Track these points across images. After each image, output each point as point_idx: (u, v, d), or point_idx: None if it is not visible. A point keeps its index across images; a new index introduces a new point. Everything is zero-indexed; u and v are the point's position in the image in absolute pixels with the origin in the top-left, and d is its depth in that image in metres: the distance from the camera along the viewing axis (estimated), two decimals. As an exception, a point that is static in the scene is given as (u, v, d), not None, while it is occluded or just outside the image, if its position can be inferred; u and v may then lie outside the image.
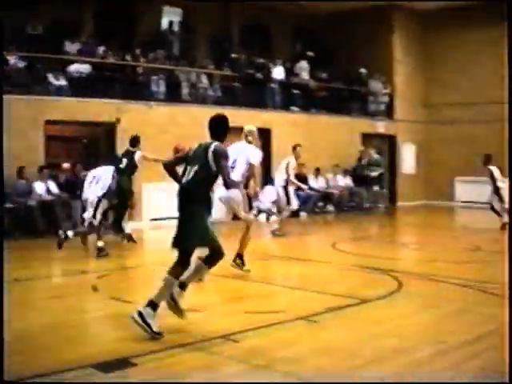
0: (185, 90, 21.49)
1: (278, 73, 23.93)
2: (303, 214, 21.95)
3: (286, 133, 23.20)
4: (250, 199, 11.85)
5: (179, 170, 8.16)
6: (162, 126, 19.73)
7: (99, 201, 13.69)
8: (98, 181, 13.82)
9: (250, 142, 11.86)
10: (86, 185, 14.02)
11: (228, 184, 7.95)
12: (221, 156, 7.71)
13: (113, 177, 14.04)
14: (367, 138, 26.63)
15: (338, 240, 16.14)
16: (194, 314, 8.16)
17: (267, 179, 21.61)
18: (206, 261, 7.73)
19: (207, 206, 7.70)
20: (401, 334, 7.56)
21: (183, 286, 7.64)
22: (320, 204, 23.42)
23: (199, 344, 6.97)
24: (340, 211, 23.72)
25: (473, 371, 6.26)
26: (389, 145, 27.90)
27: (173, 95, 21.05)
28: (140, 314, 7.18)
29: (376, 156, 24.92)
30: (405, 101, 28.59)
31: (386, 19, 28.01)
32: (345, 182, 24.66)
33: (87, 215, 13.78)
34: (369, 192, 24.63)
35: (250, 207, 12.21)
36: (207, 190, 7.70)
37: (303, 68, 25.49)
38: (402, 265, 13.09)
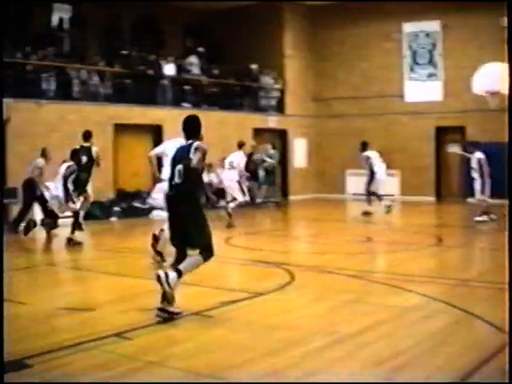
0: (75, 88, 21.21)
1: (170, 69, 23.85)
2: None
3: (177, 129, 23.08)
4: None
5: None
6: (53, 125, 19.42)
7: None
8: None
9: None
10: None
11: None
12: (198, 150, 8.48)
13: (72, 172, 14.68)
14: (259, 133, 26.81)
15: (231, 235, 16.22)
16: (87, 313, 8.12)
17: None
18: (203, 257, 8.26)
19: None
20: (293, 325, 7.67)
21: (180, 274, 8.05)
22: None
23: (93, 343, 6.93)
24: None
25: (365, 360, 6.42)
26: (280, 139, 28.14)
27: (63, 93, 20.74)
28: (166, 275, 7.79)
29: (272, 151, 25.08)
30: (296, 96, 28.90)
31: (277, 15, 28.23)
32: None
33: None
34: (260, 187, 24.79)
35: None
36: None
37: (193, 63, 25.45)
38: (295, 258, 13.26)
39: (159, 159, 12.61)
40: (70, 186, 14.66)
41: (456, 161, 25.94)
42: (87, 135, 15.43)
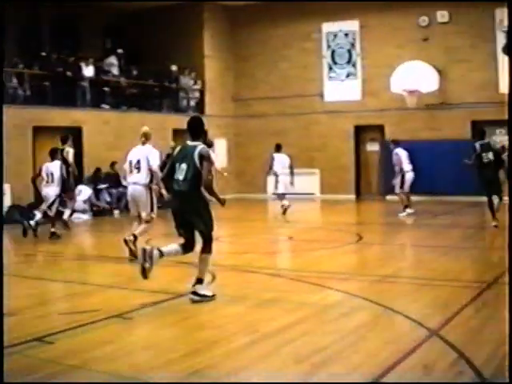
0: (-7, 90, 20.84)
1: (89, 71, 23.59)
2: (116, 212, 21.80)
3: (97, 131, 22.99)
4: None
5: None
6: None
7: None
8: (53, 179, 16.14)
9: (144, 144, 13.63)
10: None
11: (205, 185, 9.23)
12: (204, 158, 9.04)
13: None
14: (179, 134, 26.72)
15: (152, 237, 16.11)
16: (7, 318, 7.96)
17: (81, 179, 21.41)
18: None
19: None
20: (215, 325, 7.68)
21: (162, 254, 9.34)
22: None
23: (14, 348, 6.79)
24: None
25: (287, 357, 6.44)
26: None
27: (-19, 96, 20.34)
28: (195, 293, 8.76)
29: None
30: (215, 96, 28.91)
31: (196, 15, 28.20)
32: (158, 177, 24.65)
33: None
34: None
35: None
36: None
37: (113, 64, 25.24)
38: (216, 258, 13.07)
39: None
40: None
41: (375, 159, 26.36)
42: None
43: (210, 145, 14.17)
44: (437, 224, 18.86)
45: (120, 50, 25.96)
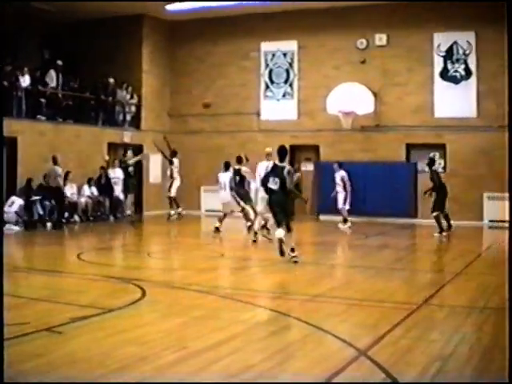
0: None
1: (25, 81, 23.28)
2: (49, 225, 21.53)
3: (32, 142, 22.71)
4: None
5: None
6: None
7: None
8: None
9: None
10: None
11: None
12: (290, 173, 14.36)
13: None
14: (114, 148, 26.58)
15: (83, 250, 15.96)
16: None
17: (14, 190, 21.21)
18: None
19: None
20: (144, 341, 7.59)
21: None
22: (66, 214, 22.93)
23: None
24: (86, 221, 23.51)
25: (216, 375, 6.41)
26: (135, 155, 27.88)
27: None
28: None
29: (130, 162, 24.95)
30: (151, 111, 28.84)
31: (136, 29, 28.12)
32: (90, 191, 24.44)
33: None
34: (113, 201, 24.60)
35: None
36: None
37: (50, 76, 24.96)
38: (147, 274, 13.14)
39: None
40: None
41: (309, 180, 26.48)
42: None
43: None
44: (368, 245, 19.04)
45: (59, 62, 25.61)
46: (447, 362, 6.87)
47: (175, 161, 24.83)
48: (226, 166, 20.34)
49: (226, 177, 20.06)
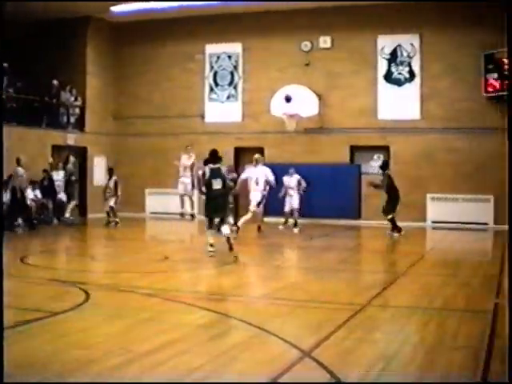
0: None
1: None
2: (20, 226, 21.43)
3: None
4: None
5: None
6: None
7: None
8: None
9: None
10: None
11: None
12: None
13: None
14: (58, 150, 26.33)
15: (27, 254, 15.78)
16: None
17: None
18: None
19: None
20: (89, 345, 7.53)
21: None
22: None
23: None
24: (30, 224, 23.22)
25: (161, 377, 6.39)
26: (80, 157, 27.72)
27: None
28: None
29: (70, 166, 24.77)
30: (96, 113, 28.63)
31: (81, 31, 27.89)
32: (34, 194, 24.15)
33: None
34: (56, 204, 24.37)
35: None
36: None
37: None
38: (91, 277, 13.05)
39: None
40: None
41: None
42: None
43: None
44: (313, 246, 19.15)
45: (5, 64, 25.18)
46: (391, 361, 6.93)
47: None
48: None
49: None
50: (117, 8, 26.45)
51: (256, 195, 20.12)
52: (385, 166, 21.21)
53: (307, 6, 25.90)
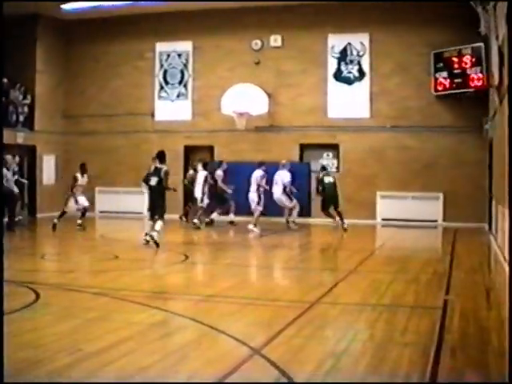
0: None
1: None
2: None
3: None
4: None
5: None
6: None
7: None
8: None
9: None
10: None
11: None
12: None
13: None
14: (7, 149, 26.01)
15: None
16: None
17: None
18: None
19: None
20: (39, 344, 7.48)
21: None
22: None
23: None
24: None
25: (110, 377, 6.37)
26: (29, 156, 27.46)
27: None
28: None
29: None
30: (45, 112, 28.33)
31: (30, 28, 27.55)
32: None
33: None
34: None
35: None
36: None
37: None
38: (40, 276, 12.96)
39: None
40: None
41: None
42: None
43: None
44: (262, 244, 19.21)
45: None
46: (340, 358, 7.00)
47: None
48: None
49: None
50: (66, 5, 26.21)
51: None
52: (322, 170, 23.02)
53: (258, 5, 25.94)
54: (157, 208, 17.12)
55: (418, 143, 25.08)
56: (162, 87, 28.19)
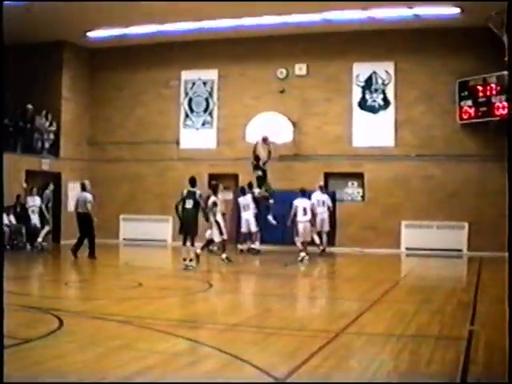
0: None
1: None
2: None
3: None
4: None
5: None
6: None
7: None
8: None
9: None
10: None
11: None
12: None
13: None
14: (32, 176, 26.19)
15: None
16: None
17: None
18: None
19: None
20: (63, 372, 7.43)
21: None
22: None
23: None
24: (4, 250, 23.05)
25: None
26: (54, 183, 27.58)
27: None
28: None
29: (48, 192, 24.66)
30: (71, 139, 28.54)
31: (57, 55, 27.84)
32: (8, 219, 23.99)
33: None
34: (31, 230, 24.21)
35: None
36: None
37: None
38: (64, 303, 12.95)
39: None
40: None
41: (228, 207, 26.45)
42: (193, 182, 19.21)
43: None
44: (287, 274, 19.10)
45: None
46: (365, 390, 6.93)
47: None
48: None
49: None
50: (93, 33, 26.48)
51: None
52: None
53: (283, 33, 26.04)
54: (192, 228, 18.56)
55: (442, 172, 24.98)
56: (187, 115, 28.31)
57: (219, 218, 20.04)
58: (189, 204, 18.59)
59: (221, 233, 19.82)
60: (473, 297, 13.91)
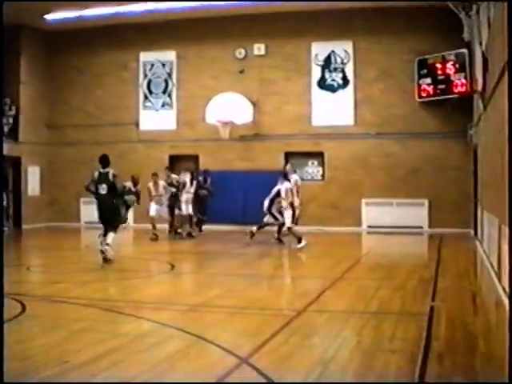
0: None
1: None
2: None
3: None
4: None
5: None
6: None
7: None
8: None
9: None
10: None
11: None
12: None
13: None
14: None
15: None
16: None
17: None
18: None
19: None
20: (25, 356, 7.44)
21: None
22: None
23: None
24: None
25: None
26: (13, 167, 27.37)
27: None
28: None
29: None
30: (29, 122, 28.25)
31: (14, 39, 27.44)
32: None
33: None
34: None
35: None
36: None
37: None
38: (26, 288, 12.87)
39: None
40: None
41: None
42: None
43: None
44: (248, 253, 19.15)
45: None
46: (328, 366, 6.99)
47: None
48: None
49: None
50: (50, 16, 26.17)
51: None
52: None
53: (241, 13, 25.97)
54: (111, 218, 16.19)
55: (402, 150, 25.14)
56: (146, 97, 28.17)
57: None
58: (102, 189, 15.85)
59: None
60: (434, 273, 14.06)
